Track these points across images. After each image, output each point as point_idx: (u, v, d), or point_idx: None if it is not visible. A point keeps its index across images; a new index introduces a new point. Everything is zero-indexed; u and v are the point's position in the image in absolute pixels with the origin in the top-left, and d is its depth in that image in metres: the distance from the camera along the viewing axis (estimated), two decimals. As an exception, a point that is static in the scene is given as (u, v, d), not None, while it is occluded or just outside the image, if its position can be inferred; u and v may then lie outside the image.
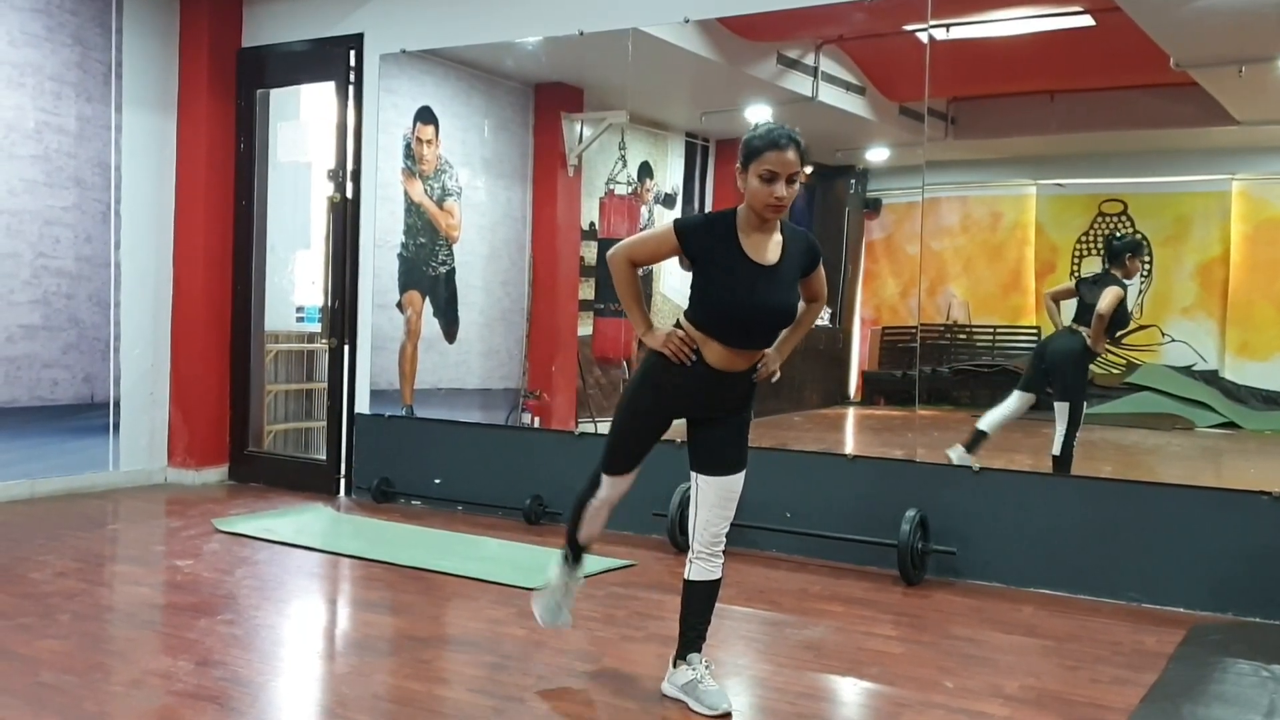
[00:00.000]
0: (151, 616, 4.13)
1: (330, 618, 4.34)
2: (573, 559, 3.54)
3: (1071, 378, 5.71)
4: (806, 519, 5.18)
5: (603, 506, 3.40)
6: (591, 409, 7.39)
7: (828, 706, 3.38)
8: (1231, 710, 3.24)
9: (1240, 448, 7.21)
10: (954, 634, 4.07)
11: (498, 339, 7.44)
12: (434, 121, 6.92)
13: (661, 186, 7.85)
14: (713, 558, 3.23)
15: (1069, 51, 6.54)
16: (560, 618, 3.56)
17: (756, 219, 3.05)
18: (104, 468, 6.57)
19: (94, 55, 6.42)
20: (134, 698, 3.17)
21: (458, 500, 6.21)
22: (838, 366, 9.01)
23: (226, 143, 6.90)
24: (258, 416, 7.14)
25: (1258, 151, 7.40)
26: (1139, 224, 7.78)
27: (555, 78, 7.28)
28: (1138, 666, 3.70)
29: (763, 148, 2.98)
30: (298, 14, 6.75)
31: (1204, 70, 5.93)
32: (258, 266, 7.01)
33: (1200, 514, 4.48)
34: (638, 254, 3.21)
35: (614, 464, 3.32)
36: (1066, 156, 8.15)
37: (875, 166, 8.97)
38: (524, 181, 7.50)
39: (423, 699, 3.23)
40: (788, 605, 4.44)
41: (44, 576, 4.51)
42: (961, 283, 8.62)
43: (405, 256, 6.82)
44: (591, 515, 3.43)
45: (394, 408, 6.72)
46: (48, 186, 6.23)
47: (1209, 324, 7.59)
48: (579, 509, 3.44)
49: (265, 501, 6.37)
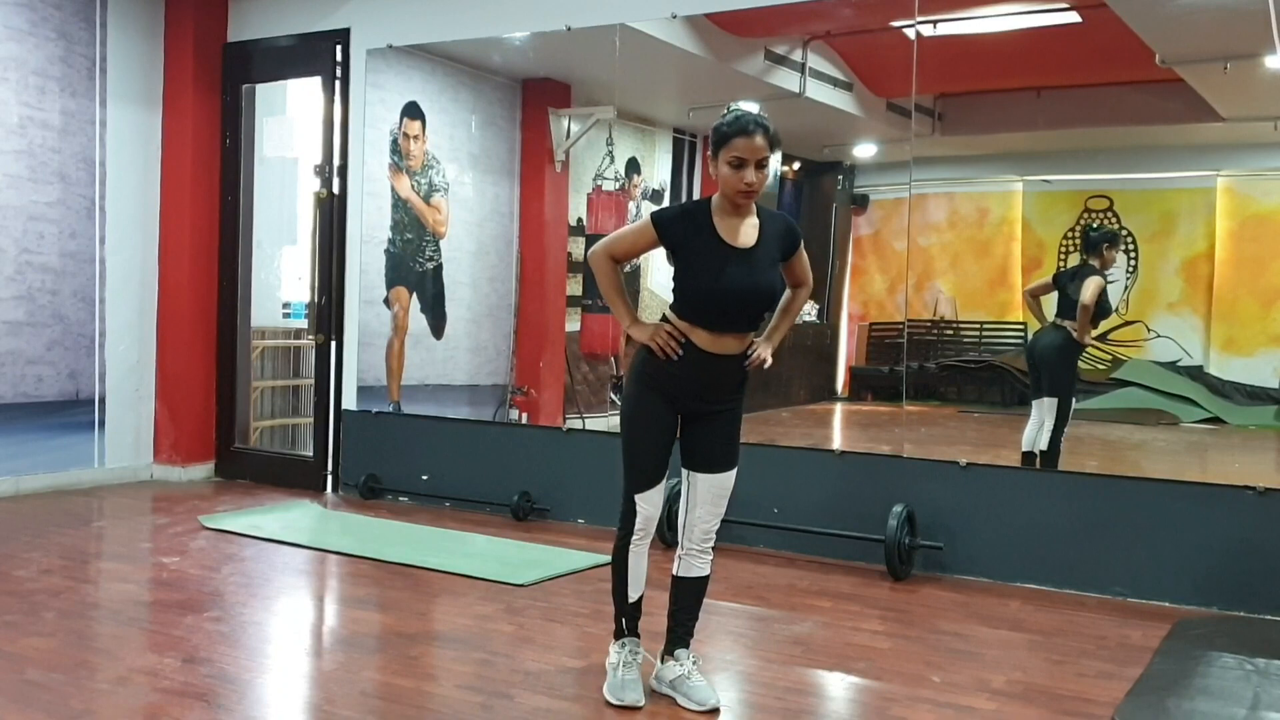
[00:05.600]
0: (138, 614, 4.11)
1: (318, 614, 4.33)
2: (629, 628, 3.25)
3: (1059, 372, 5.73)
4: (794, 514, 5.19)
5: (643, 538, 3.19)
6: (579, 405, 7.39)
7: (815, 701, 3.38)
8: (1216, 703, 3.25)
9: (1225, 443, 7.24)
10: (941, 629, 4.09)
11: (485, 335, 7.43)
12: (421, 117, 6.91)
13: (649, 182, 7.84)
14: (702, 554, 3.24)
15: (1056, 48, 6.55)
16: (631, 694, 3.15)
17: (730, 205, 3.08)
18: (89, 464, 6.54)
19: (78, 50, 6.38)
20: (120, 695, 3.16)
21: (445, 496, 6.20)
22: (825, 362, 9.02)
23: (212, 138, 6.87)
24: (244, 413, 7.12)
25: (1243, 148, 7.43)
26: (1125, 220, 7.81)
27: (543, 73, 7.27)
28: (1123, 660, 3.71)
29: (731, 134, 3.00)
30: (284, 9, 6.72)
31: (1190, 67, 5.95)
32: (244, 262, 6.98)
33: (1185, 509, 4.50)
34: (617, 249, 3.21)
35: (639, 480, 3.17)
36: (1053, 153, 8.18)
37: (863, 162, 8.98)
38: (511, 177, 7.49)
39: (410, 695, 3.23)
40: (775, 600, 4.45)
41: (29, 574, 4.49)
42: (949, 279, 8.65)
43: (392, 252, 6.80)
44: (636, 559, 3.20)
45: (381, 404, 6.70)
46: (32, 182, 6.19)
47: (1194, 319, 7.63)
48: (620, 561, 3.21)
49: (252, 498, 6.35)
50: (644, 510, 3.18)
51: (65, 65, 6.32)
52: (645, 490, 3.17)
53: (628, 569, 3.21)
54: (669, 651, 3.27)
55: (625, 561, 3.21)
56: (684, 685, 3.17)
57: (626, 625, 3.26)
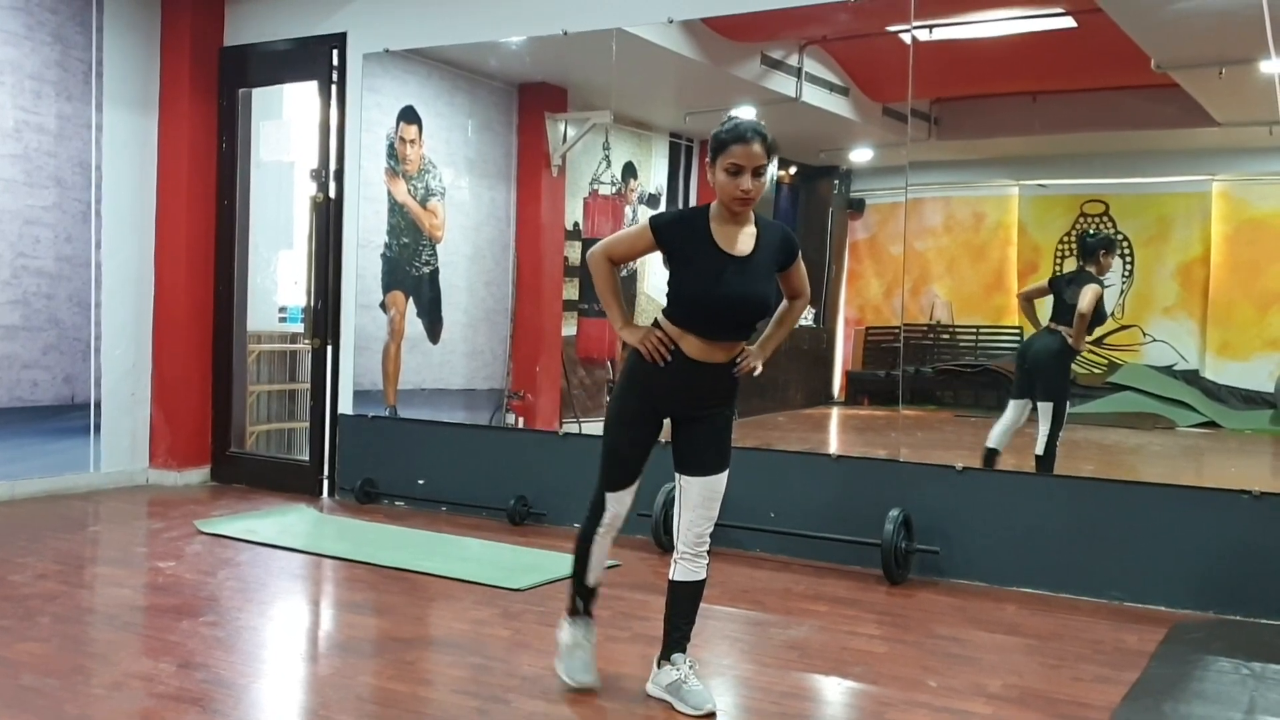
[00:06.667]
0: (133, 618, 4.11)
1: (313, 619, 4.33)
2: (584, 608, 3.35)
3: (1054, 377, 5.74)
4: (790, 519, 5.19)
5: (608, 531, 3.28)
6: (575, 409, 7.38)
7: (812, 706, 3.38)
8: (1212, 708, 3.26)
9: (1221, 447, 7.26)
10: (937, 633, 4.09)
11: (482, 339, 7.43)
12: (417, 121, 6.91)
13: (646, 187, 7.85)
14: (697, 558, 3.24)
15: (1051, 53, 6.57)
16: (585, 674, 3.29)
17: (728, 212, 3.09)
18: (85, 469, 6.52)
19: (74, 54, 6.38)
20: (115, 700, 3.15)
21: (442, 501, 6.19)
22: (822, 366, 9.03)
23: (209, 142, 6.86)
24: (240, 417, 7.11)
25: (1238, 152, 7.45)
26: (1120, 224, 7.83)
27: (539, 77, 7.28)
28: (1119, 664, 3.72)
29: (729, 141, 3.01)
30: (280, 13, 6.72)
31: (1185, 72, 5.96)
32: (240, 266, 6.97)
33: (1181, 513, 4.51)
34: (615, 251, 3.23)
35: (614, 479, 3.24)
36: (1049, 157, 8.20)
37: (859, 167, 8.99)
38: (508, 181, 7.49)
39: (406, 700, 3.23)
40: (772, 605, 4.45)
41: (24, 578, 4.48)
42: (945, 283, 8.66)
43: (389, 256, 6.80)
44: (599, 548, 3.29)
45: (377, 408, 6.70)
46: (27, 186, 6.18)
47: (1190, 324, 7.65)
48: (584, 545, 3.30)
49: (248, 502, 6.34)
50: (613, 508, 3.27)
51: (61, 69, 6.31)
52: (617, 491, 3.25)
53: (590, 555, 3.31)
54: (665, 656, 3.26)
55: (589, 548, 3.31)
56: (680, 690, 3.17)
57: (582, 605, 3.35)
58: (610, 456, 3.24)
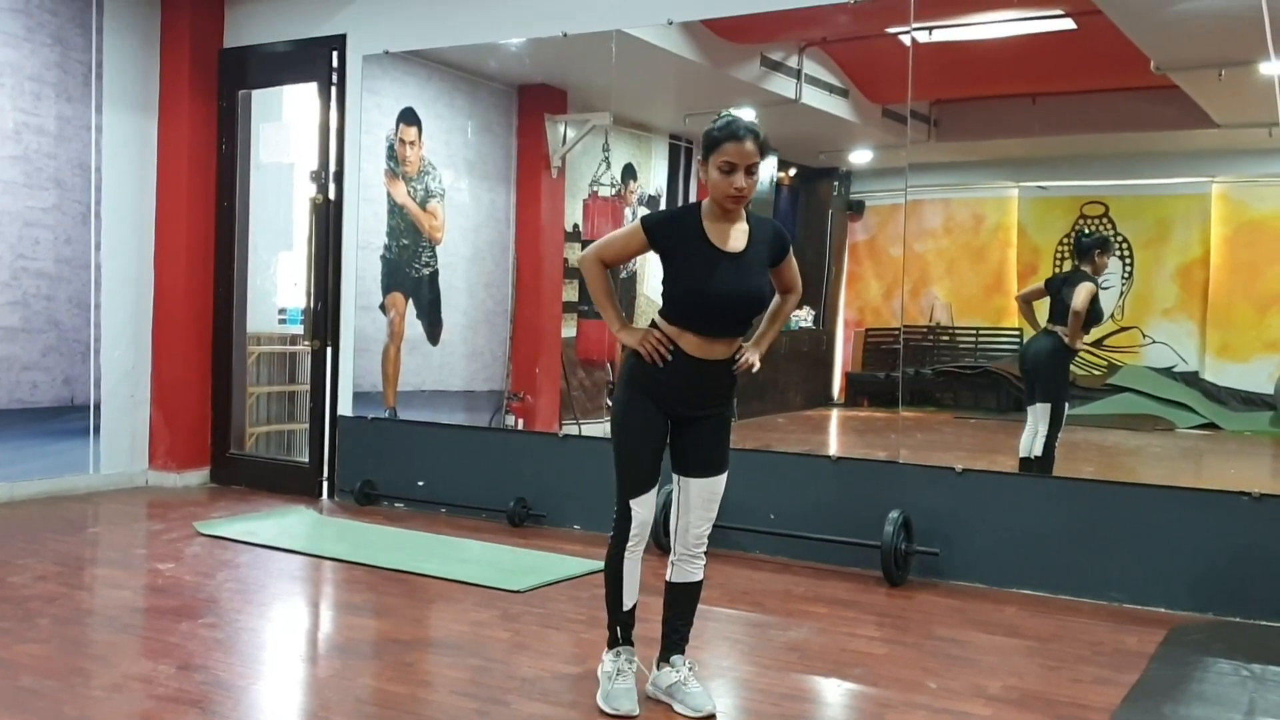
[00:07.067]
0: (132, 620, 4.11)
1: (313, 621, 4.33)
2: (624, 636, 3.24)
3: (1052, 378, 5.74)
4: (790, 520, 5.19)
5: (638, 543, 3.17)
6: (575, 411, 7.39)
7: (811, 708, 3.38)
8: (1212, 709, 3.26)
9: (1220, 448, 7.26)
10: (937, 634, 4.08)
11: (481, 341, 7.43)
12: (417, 123, 6.91)
13: (645, 188, 7.85)
14: (694, 559, 3.24)
15: (1051, 54, 6.57)
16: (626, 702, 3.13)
17: (720, 210, 3.09)
18: (84, 470, 6.52)
19: (74, 55, 6.38)
20: (115, 702, 3.15)
21: (441, 503, 6.19)
22: (821, 368, 9.03)
23: (208, 144, 6.86)
24: (240, 419, 7.11)
25: (1237, 154, 7.46)
26: (1120, 226, 7.83)
27: (539, 79, 7.28)
28: (1119, 666, 3.72)
29: (721, 139, 3.02)
30: (280, 15, 6.73)
31: (1184, 73, 5.97)
32: (240, 268, 6.97)
33: (1181, 514, 4.51)
34: (607, 253, 3.22)
35: (636, 483, 3.16)
36: (1048, 159, 8.20)
37: (858, 168, 9.00)
38: (508, 183, 7.49)
39: (406, 702, 3.23)
40: (771, 606, 4.45)
41: (24, 580, 4.47)
42: (944, 284, 8.66)
43: (388, 258, 6.80)
44: (630, 566, 3.18)
45: (377, 410, 6.70)
46: (27, 187, 6.18)
47: (1189, 325, 7.65)
48: (615, 569, 3.19)
49: (247, 504, 6.34)
50: (639, 514, 3.17)
51: (61, 70, 6.32)
52: (639, 495, 3.17)
53: (623, 576, 3.20)
54: (664, 658, 3.26)
55: (620, 569, 3.20)
56: (680, 691, 3.17)
57: (621, 634, 3.25)
58: (627, 462, 3.17)
